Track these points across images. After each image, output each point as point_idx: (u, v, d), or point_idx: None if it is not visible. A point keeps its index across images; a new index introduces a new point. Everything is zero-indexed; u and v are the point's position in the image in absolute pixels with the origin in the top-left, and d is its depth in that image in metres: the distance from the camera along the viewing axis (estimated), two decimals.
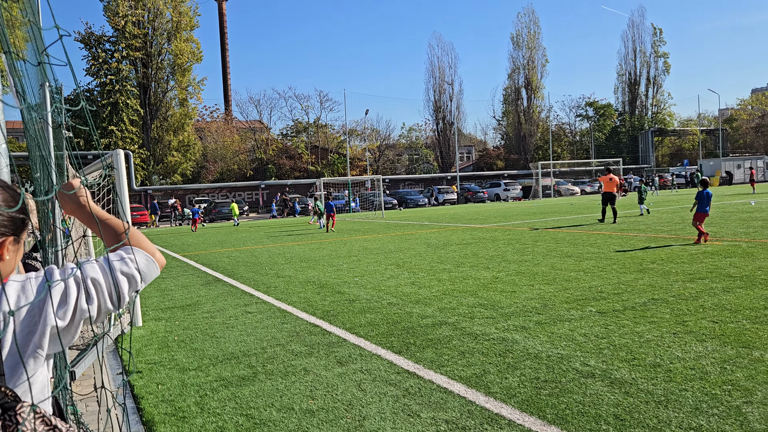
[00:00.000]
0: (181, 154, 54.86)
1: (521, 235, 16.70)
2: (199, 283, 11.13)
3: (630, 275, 8.89)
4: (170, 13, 52.76)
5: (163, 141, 53.84)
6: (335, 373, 5.08)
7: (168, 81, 54.17)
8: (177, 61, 52.76)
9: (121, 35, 50.17)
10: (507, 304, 7.37)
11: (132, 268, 1.47)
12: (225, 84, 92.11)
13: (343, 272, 11.17)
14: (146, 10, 51.92)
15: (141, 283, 1.49)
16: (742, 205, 24.37)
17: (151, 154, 52.80)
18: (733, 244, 11.71)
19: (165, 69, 53.63)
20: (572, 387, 4.36)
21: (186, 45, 53.09)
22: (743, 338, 5.30)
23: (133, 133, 50.87)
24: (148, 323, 7.77)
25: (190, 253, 17.29)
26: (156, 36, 52.76)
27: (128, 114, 50.45)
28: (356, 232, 22.20)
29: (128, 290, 1.45)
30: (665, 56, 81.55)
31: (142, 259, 1.51)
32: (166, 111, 54.41)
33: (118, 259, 1.47)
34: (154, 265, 1.55)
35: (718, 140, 78.49)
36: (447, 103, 73.45)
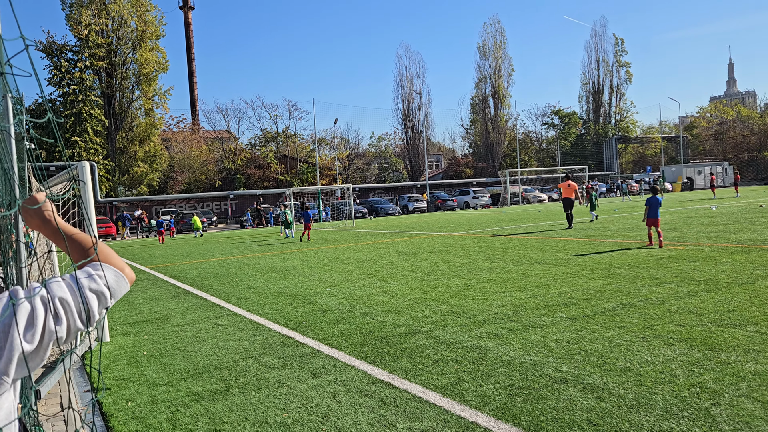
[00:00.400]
0: (148, 164, 54.00)
1: (491, 242, 16.85)
2: (168, 296, 10.94)
3: (598, 281, 9.04)
4: (135, 23, 52.06)
5: (129, 151, 52.95)
6: (309, 385, 5.03)
7: (133, 91, 53.37)
8: (142, 70, 52.03)
9: (84, 45, 49.28)
10: (479, 311, 7.42)
11: (101, 285, 1.42)
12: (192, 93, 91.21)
13: (315, 282, 11.11)
14: (110, 20, 51.15)
15: (111, 300, 1.44)
16: (704, 210, 25.03)
17: (116, 165, 51.86)
18: (697, 249, 12.00)
19: (130, 79, 52.84)
20: (546, 393, 4.41)
21: (151, 54, 52.41)
22: (709, 341, 5.43)
23: (97, 143, 49.91)
24: (115, 338, 7.59)
25: (158, 266, 16.99)
26: (120, 45, 51.96)
27: (92, 124, 49.50)
28: (327, 241, 22.11)
29: (98, 308, 1.40)
30: (627, 65, 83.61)
31: (111, 275, 1.47)
32: (132, 121, 53.56)
33: (86, 276, 1.42)
34: (124, 280, 1.50)
35: (679, 147, 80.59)
36: (415, 112, 73.96)
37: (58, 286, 1.36)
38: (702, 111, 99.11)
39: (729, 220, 18.48)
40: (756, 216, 19.59)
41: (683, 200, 37.46)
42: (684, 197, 43.17)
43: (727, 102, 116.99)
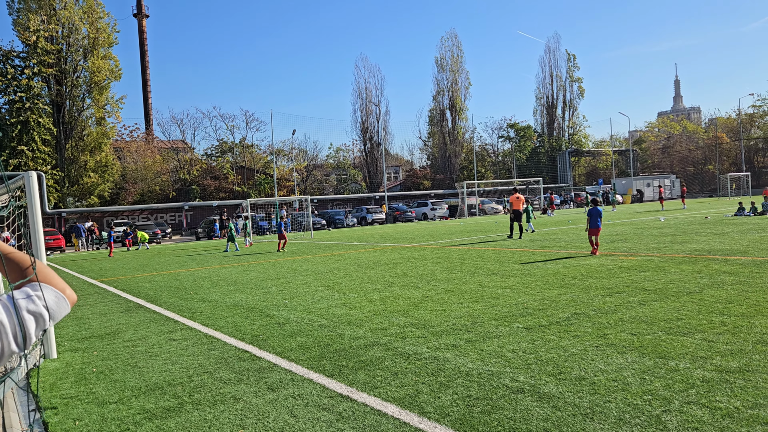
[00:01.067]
0: (99, 174, 52.53)
1: (449, 253, 16.98)
2: (119, 310, 10.62)
3: (554, 291, 9.20)
4: (87, 29, 50.77)
5: (79, 161, 51.41)
6: (266, 400, 4.94)
7: (84, 99, 51.93)
8: (94, 78, 50.71)
9: (32, 51, 47.78)
10: (437, 322, 7.45)
11: (39, 306, 1.36)
12: (146, 102, 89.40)
13: (272, 295, 10.96)
14: (60, 26, 49.77)
15: (49, 322, 1.39)
16: (653, 221, 25.84)
17: (65, 174, 50.26)
18: (647, 259, 12.36)
19: (81, 86, 51.43)
20: (503, 403, 4.44)
21: (104, 62, 51.17)
22: (660, 349, 5.57)
23: (45, 153, 48.32)
24: (63, 354, 7.32)
25: (108, 279, 16.50)
26: (71, 52, 50.57)
27: (40, 133, 47.91)
28: (285, 253, 21.89)
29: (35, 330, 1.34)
30: (579, 81, 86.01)
31: (50, 296, 1.41)
32: (82, 130, 52.07)
33: (23, 296, 1.36)
34: (65, 302, 1.45)
35: (629, 160, 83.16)
36: (374, 123, 74.28)
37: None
38: (650, 125, 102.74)
39: (677, 231, 19.12)
40: (702, 227, 20.33)
41: (633, 212, 38.59)
42: (634, 209, 44.49)
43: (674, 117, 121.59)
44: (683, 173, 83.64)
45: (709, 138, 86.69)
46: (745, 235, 16.19)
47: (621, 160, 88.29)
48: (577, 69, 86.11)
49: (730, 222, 22.21)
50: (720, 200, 53.85)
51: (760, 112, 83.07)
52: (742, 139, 77.76)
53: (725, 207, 36.60)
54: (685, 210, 35.93)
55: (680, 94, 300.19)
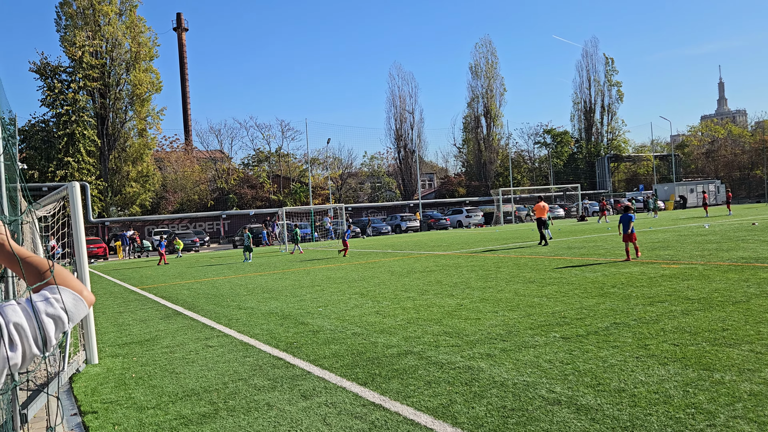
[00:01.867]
0: (140, 184, 53.92)
1: (484, 261, 16.81)
2: (158, 316, 10.82)
3: (592, 300, 9.00)
4: (129, 44, 52.32)
5: (122, 172, 52.87)
6: (299, 408, 4.95)
7: (126, 111, 53.47)
8: (136, 91, 52.17)
9: (78, 65, 49.42)
10: (472, 331, 7.36)
11: (58, 309, 1.37)
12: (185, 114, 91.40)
13: (306, 302, 11.02)
14: (104, 41, 51.38)
15: (69, 324, 1.40)
16: (697, 228, 25.12)
17: (108, 185, 51.72)
18: (690, 267, 12.00)
19: (123, 99, 52.96)
20: (539, 415, 4.34)
21: (145, 75, 52.61)
22: (704, 361, 5.38)
23: (90, 164, 49.83)
24: (104, 360, 7.48)
25: (148, 286, 16.85)
26: (114, 66, 52.14)
27: (85, 144, 49.46)
28: (319, 261, 22.02)
29: (55, 332, 1.35)
30: (618, 85, 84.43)
31: (68, 298, 1.42)
32: (125, 141, 53.57)
33: (42, 299, 1.37)
34: (82, 303, 1.45)
35: (671, 165, 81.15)
36: (408, 131, 74.32)
37: (12, 311, 1.31)
38: (693, 129, 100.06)
39: (722, 239, 18.53)
40: (749, 234, 19.66)
41: (676, 218, 37.61)
42: (677, 215, 43.35)
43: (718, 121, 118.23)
44: (728, 178, 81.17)
45: (755, 141, 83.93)
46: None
47: (662, 165, 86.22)
48: (616, 73, 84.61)
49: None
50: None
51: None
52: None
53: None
54: (731, 216, 34.83)
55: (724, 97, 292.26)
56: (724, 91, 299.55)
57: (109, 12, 50.89)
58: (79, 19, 50.74)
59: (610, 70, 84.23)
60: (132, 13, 53.12)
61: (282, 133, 77.88)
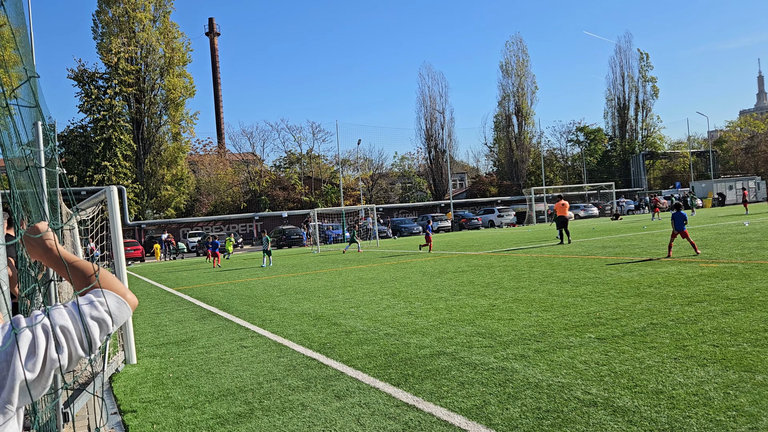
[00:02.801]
0: (175, 187, 54.94)
1: (517, 261, 16.66)
2: (194, 317, 11.01)
3: (628, 300, 8.85)
4: (163, 49, 53.38)
5: (157, 175, 53.95)
6: (333, 408, 4.99)
7: (161, 116, 54.54)
8: (170, 96, 53.20)
9: (114, 72, 50.61)
10: (505, 332, 7.31)
11: (102, 312, 1.42)
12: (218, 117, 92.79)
13: (339, 303, 11.08)
14: (139, 47, 52.50)
15: (113, 326, 1.44)
16: (736, 226, 24.47)
17: (144, 188, 52.84)
18: (730, 266, 11.70)
19: (158, 104, 54.04)
20: (574, 417, 4.29)
21: (179, 80, 53.59)
22: (745, 362, 5.25)
23: (126, 167, 50.98)
24: (142, 360, 7.65)
25: (184, 287, 17.15)
26: (149, 72, 53.25)
27: (122, 149, 50.63)
28: (351, 262, 22.11)
29: (99, 335, 1.39)
30: (653, 80, 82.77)
31: (112, 301, 1.46)
32: (159, 145, 54.66)
33: (87, 303, 1.42)
34: (126, 306, 1.50)
35: (709, 162, 79.20)
36: (438, 131, 74.11)
37: (59, 314, 1.36)
38: (732, 125, 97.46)
39: (763, 236, 18.02)
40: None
41: (714, 216, 36.69)
42: (715, 213, 42.30)
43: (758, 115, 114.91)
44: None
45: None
46: None
47: (700, 162, 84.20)
48: (651, 68, 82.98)
49: None
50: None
51: None
52: None
53: None
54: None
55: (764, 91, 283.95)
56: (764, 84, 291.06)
57: (143, 18, 52.01)
58: (114, 27, 51.99)
59: (644, 65, 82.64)
60: (165, 19, 54.19)
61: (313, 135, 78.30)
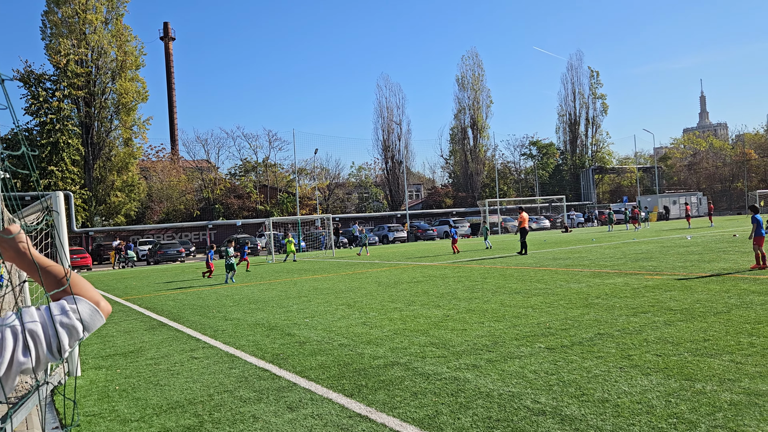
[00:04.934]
0: (125, 194, 53.49)
1: (471, 272, 16.87)
2: (143, 328, 10.73)
3: (576, 310, 9.08)
4: (115, 53, 52.09)
5: (106, 181, 52.45)
6: (285, 420, 4.94)
7: (112, 120, 53.13)
8: (122, 100, 51.89)
9: (62, 74, 49.08)
10: (458, 342, 7.39)
11: (73, 319, 1.43)
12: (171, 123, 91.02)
13: (293, 313, 10.99)
14: (90, 49, 51.10)
15: (84, 333, 1.45)
16: (679, 239, 25.40)
17: (93, 194, 51.27)
18: (673, 278, 12.14)
19: (109, 108, 52.62)
20: (524, 426, 4.37)
21: (131, 84, 52.35)
22: (686, 371, 5.45)
23: (74, 173, 49.39)
24: (87, 372, 7.41)
25: (133, 297, 16.70)
26: (100, 75, 51.84)
27: (69, 153, 49.03)
28: (306, 271, 21.97)
29: (69, 342, 1.41)
30: (603, 98, 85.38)
31: (85, 309, 1.47)
32: (110, 150, 53.20)
33: (59, 310, 1.43)
34: (99, 315, 1.51)
35: (655, 177, 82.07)
36: (395, 142, 74.53)
37: (30, 318, 1.38)
38: (676, 142, 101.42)
39: (704, 250, 18.76)
40: (730, 245, 19.93)
41: (659, 230, 38.01)
42: (660, 227, 43.81)
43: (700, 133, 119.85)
44: (710, 190, 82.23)
45: (736, 154, 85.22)
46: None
47: (646, 177, 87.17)
48: (600, 86, 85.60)
49: None
50: (748, 218, 52.78)
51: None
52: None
53: None
54: (713, 228, 35.27)
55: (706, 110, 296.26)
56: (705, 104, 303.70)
57: (94, 20, 50.67)
58: (64, 28, 50.46)
59: (594, 82, 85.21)
60: (118, 21, 52.93)
61: (269, 143, 77.93)
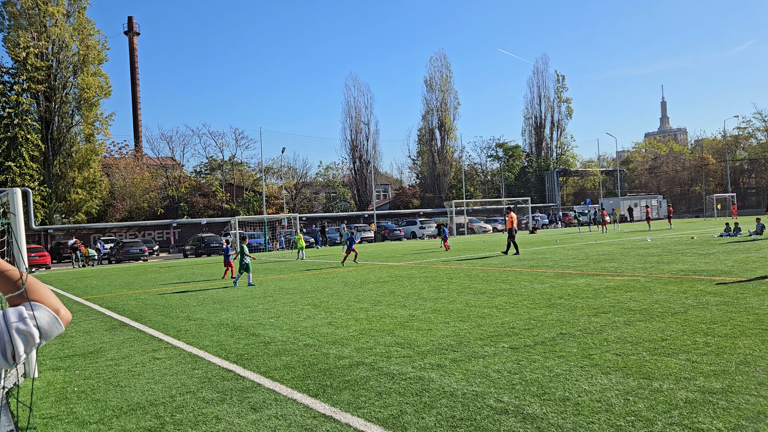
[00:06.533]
0: (86, 191, 52.24)
1: (437, 272, 16.98)
2: (103, 328, 10.51)
3: (540, 311, 9.22)
4: (77, 46, 50.83)
5: (67, 178, 51.14)
6: (248, 420, 4.90)
7: (73, 115, 51.84)
8: (83, 95, 50.65)
9: (22, 67, 47.71)
10: (423, 342, 7.43)
11: (30, 326, 1.40)
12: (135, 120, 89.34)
13: (258, 313, 10.90)
14: (50, 43, 49.77)
15: (41, 340, 1.43)
16: (640, 241, 26.02)
17: (53, 191, 49.93)
18: (633, 279, 12.43)
19: (70, 103, 51.33)
20: (487, 424, 4.42)
21: (93, 79, 51.16)
22: (644, 369, 5.59)
23: (33, 169, 48.05)
24: (44, 374, 7.21)
25: (93, 297, 16.33)
26: (61, 69, 50.52)
27: (28, 149, 47.66)
28: (272, 271, 21.80)
29: (24, 348, 1.39)
30: (568, 101, 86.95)
31: (44, 316, 1.45)
32: (71, 146, 51.90)
33: (16, 316, 1.41)
34: (58, 323, 1.49)
35: (617, 180, 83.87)
36: (363, 142, 74.61)
37: None
38: (638, 146, 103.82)
39: (663, 252, 19.25)
40: (688, 247, 20.50)
41: (620, 232, 38.85)
42: (621, 229, 44.78)
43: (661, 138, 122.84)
44: (670, 194, 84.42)
45: (695, 159, 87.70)
46: (730, 256, 16.34)
47: (608, 180, 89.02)
48: (566, 89, 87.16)
49: (715, 242, 22.41)
50: (706, 221, 54.36)
51: (745, 133, 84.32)
52: (728, 161, 78.74)
53: (711, 227, 36.95)
54: (672, 230, 36.22)
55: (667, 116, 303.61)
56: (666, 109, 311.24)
57: (55, 13, 49.35)
58: (23, 19, 49.01)
59: (560, 86, 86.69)
60: (80, 15, 51.66)
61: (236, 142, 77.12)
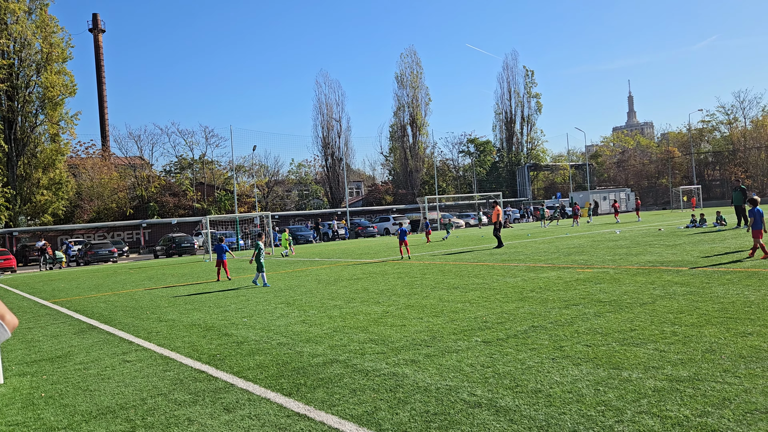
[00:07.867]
0: (52, 192, 51.12)
1: (410, 268, 17.03)
2: (72, 331, 10.29)
3: (512, 304, 9.31)
4: (40, 44, 49.62)
5: (31, 179, 49.95)
6: (222, 421, 4.85)
7: (37, 115, 50.65)
8: (47, 94, 49.50)
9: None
10: (397, 338, 7.45)
11: None
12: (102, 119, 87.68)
13: (230, 313, 10.79)
14: (12, 40, 48.50)
15: None
16: (609, 234, 26.45)
17: (17, 192, 48.71)
18: (602, 271, 12.63)
19: (34, 102, 50.13)
20: (460, 418, 4.45)
21: (57, 77, 50.02)
22: (613, 360, 5.69)
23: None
24: (10, 379, 7.04)
25: (61, 300, 15.99)
26: (23, 67, 49.30)
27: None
28: (245, 270, 21.61)
29: None
30: (537, 96, 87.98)
31: None
32: (35, 147, 50.69)
33: None
34: (3, 329, 1.44)
35: (586, 174, 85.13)
36: (335, 139, 74.38)
37: None
38: (606, 140, 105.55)
39: (631, 244, 19.61)
40: (655, 239, 20.91)
41: (590, 225, 39.44)
42: (591, 222, 45.47)
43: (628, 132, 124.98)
44: (638, 186, 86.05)
45: (661, 152, 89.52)
46: (696, 247, 16.71)
47: (578, 174, 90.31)
48: (535, 85, 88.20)
49: (682, 234, 22.91)
50: (673, 213, 55.53)
51: (709, 127, 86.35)
52: (693, 154, 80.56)
53: (678, 219, 37.75)
54: (640, 222, 36.91)
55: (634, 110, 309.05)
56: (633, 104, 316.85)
57: (16, 10, 48.10)
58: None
59: (529, 82, 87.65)
60: (43, 11, 50.46)
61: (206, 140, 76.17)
